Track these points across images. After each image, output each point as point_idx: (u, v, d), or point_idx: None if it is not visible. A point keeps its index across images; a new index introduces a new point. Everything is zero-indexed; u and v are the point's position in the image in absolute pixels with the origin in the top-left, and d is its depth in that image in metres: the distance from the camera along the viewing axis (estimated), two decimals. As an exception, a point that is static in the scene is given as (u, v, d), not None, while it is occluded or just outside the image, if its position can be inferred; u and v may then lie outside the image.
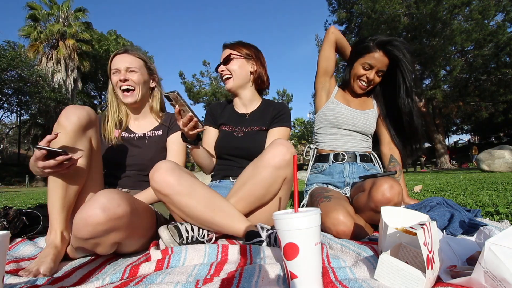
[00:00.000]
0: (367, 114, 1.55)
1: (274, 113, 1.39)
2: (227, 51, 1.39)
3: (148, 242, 1.05)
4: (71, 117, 0.95)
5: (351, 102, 1.57)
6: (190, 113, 1.09)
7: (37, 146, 0.85)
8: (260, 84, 1.45)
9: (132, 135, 1.36)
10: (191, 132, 1.14)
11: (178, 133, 1.32)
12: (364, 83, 1.48)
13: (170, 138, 1.36)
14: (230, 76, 1.38)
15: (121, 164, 1.30)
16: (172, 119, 1.40)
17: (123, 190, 1.26)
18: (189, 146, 1.24)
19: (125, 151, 1.31)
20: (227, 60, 1.37)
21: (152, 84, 1.40)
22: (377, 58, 1.41)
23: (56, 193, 0.95)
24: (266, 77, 1.45)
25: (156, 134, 1.38)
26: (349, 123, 1.50)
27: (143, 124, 1.40)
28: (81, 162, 0.99)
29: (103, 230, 0.78)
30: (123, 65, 1.29)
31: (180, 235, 0.95)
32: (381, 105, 1.59)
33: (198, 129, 1.15)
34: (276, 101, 1.50)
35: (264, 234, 0.92)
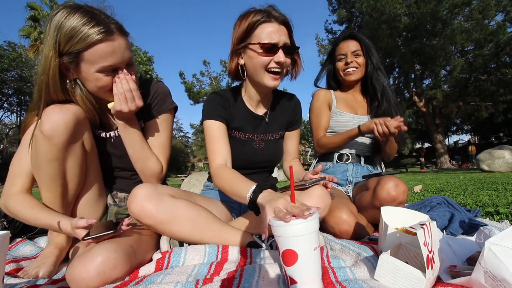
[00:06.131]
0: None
1: (294, 115, 1.22)
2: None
3: None
4: (57, 126, 0.80)
5: (356, 106, 1.53)
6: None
7: (87, 238, 0.75)
8: None
9: (108, 134, 1.04)
10: None
11: (160, 121, 1.04)
12: (348, 69, 1.49)
13: (149, 126, 1.04)
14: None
15: (109, 167, 1.07)
16: (154, 95, 1.04)
17: (120, 196, 1.10)
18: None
19: (108, 153, 1.05)
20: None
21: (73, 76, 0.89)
22: (344, 44, 1.49)
23: (52, 202, 0.89)
24: None
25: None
26: None
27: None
28: (76, 170, 0.89)
29: None
30: None
31: (181, 244, 0.94)
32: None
33: None
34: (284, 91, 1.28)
35: (264, 245, 0.90)
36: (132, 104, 0.89)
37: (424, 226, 0.61)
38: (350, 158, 1.46)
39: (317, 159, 1.59)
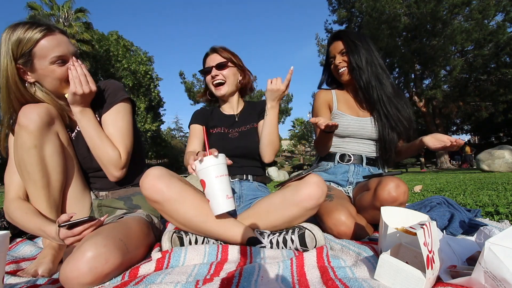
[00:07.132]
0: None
1: (259, 108, 1.42)
2: (219, 57, 1.38)
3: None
4: (31, 116, 0.88)
5: (357, 108, 1.52)
6: None
7: (62, 225, 0.78)
8: (248, 91, 1.52)
9: (73, 134, 1.09)
10: None
11: (114, 111, 1.07)
12: (339, 70, 1.51)
13: (104, 119, 1.07)
14: (223, 81, 1.38)
15: (84, 170, 1.10)
16: (105, 89, 1.09)
17: (101, 194, 1.12)
18: None
19: (80, 152, 1.08)
20: (222, 66, 1.36)
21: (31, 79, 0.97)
22: (332, 46, 1.53)
23: (39, 197, 0.91)
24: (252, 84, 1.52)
25: None
26: (358, 133, 1.47)
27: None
28: (55, 158, 0.93)
29: (90, 285, 0.71)
30: None
31: (182, 244, 0.94)
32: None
33: None
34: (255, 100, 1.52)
35: (265, 240, 0.91)
36: (87, 87, 0.97)
37: (424, 226, 0.61)
38: (352, 158, 1.45)
39: (318, 158, 1.59)
